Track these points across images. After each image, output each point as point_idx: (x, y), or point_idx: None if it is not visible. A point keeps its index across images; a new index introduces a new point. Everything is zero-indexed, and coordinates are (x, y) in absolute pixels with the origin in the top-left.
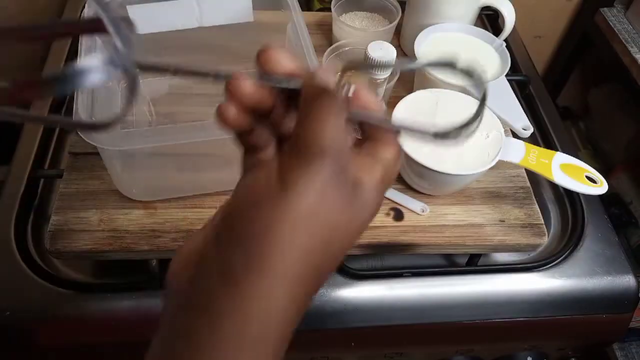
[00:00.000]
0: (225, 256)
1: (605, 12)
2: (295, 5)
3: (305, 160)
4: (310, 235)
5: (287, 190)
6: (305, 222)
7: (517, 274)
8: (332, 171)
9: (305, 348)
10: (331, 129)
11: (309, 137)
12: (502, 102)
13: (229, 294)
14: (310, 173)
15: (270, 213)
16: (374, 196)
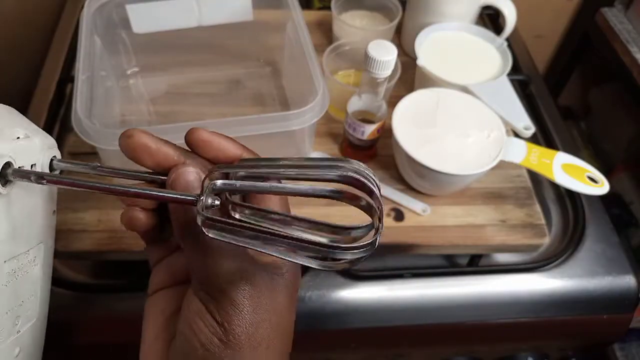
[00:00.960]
0: None
1: (606, 12)
2: (295, 4)
3: (226, 296)
4: (266, 344)
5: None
6: (257, 339)
7: (518, 275)
8: (251, 287)
9: (305, 349)
10: (222, 261)
11: (211, 277)
12: (504, 102)
13: None
14: (238, 306)
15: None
16: (288, 269)
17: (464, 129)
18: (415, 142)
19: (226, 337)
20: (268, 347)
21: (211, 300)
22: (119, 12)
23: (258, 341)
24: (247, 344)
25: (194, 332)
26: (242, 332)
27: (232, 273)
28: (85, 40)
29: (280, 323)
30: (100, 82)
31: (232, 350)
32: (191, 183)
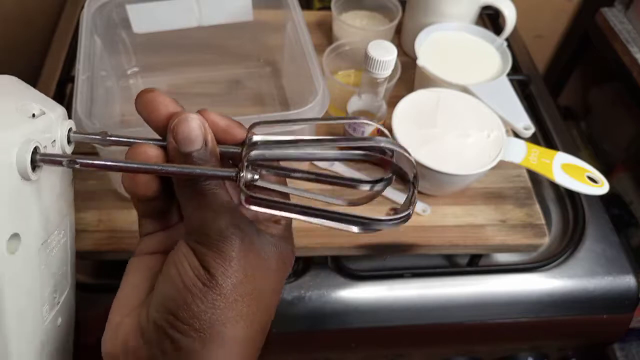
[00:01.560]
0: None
1: (606, 12)
2: (295, 4)
3: (215, 247)
4: (247, 302)
5: (215, 277)
6: (239, 293)
7: (518, 275)
8: (240, 242)
9: (305, 349)
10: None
11: (204, 227)
12: (503, 102)
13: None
14: (225, 257)
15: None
16: (284, 238)
17: (463, 129)
18: (415, 142)
19: (210, 282)
20: (249, 305)
21: (201, 248)
22: (119, 12)
23: (240, 294)
24: (229, 294)
25: (178, 273)
26: (226, 282)
27: (226, 227)
28: (85, 40)
29: (265, 289)
30: (101, 82)
31: (213, 295)
32: (194, 130)
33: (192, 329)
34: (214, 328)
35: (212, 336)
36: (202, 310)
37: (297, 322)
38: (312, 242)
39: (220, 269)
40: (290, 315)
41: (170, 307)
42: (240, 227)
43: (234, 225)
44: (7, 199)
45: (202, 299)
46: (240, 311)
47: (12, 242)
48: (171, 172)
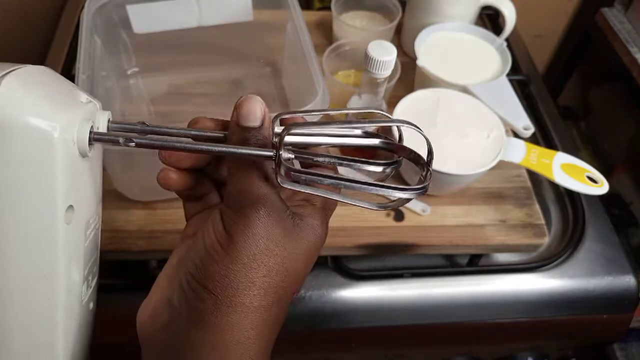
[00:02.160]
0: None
1: (606, 12)
2: (295, 4)
3: (242, 212)
4: (265, 271)
5: (235, 242)
6: (256, 262)
7: (518, 275)
8: (267, 214)
9: (306, 348)
10: (256, 183)
11: (240, 192)
12: (503, 102)
13: (203, 332)
14: (249, 223)
15: (227, 261)
16: (315, 223)
17: (463, 129)
18: (415, 142)
19: (228, 245)
20: (266, 275)
21: (228, 211)
22: (119, 12)
23: (258, 263)
24: (246, 260)
25: (202, 235)
26: (245, 247)
27: (257, 196)
28: (85, 40)
29: (287, 266)
30: (101, 82)
31: (230, 258)
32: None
33: (207, 290)
34: (227, 291)
35: (225, 299)
36: (216, 271)
37: (297, 322)
38: None
39: (242, 234)
40: (290, 315)
41: (191, 268)
42: (272, 201)
43: (267, 198)
44: (68, 173)
45: (219, 260)
46: (254, 279)
47: (68, 213)
48: (219, 152)
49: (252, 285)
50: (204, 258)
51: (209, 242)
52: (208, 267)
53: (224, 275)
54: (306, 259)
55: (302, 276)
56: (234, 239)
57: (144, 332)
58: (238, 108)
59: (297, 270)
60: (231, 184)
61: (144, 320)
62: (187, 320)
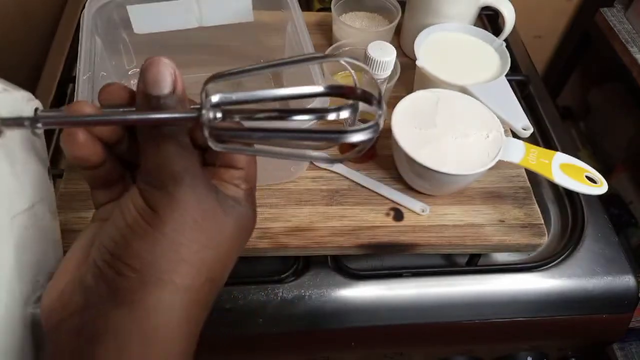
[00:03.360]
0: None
1: (605, 12)
2: (295, 5)
3: (164, 189)
4: (195, 249)
5: (160, 216)
6: (186, 237)
7: (517, 274)
8: (192, 188)
9: (305, 348)
10: (175, 155)
11: (158, 166)
12: (502, 102)
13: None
14: (174, 197)
15: (154, 236)
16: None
17: (463, 129)
18: (415, 142)
19: (153, 219)
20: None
21: (149, 189)
22: (119, 13)
23: (187, 239)
24: (174, 235)
25: (122, 213)
26: (171, 223)
27: (178, 170)
28: (86, 40)
29: (218, 244)
30: (101, 83)
31: (156, 233)
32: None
33: (131, 268)
34: (154, 268)
35: (153, 277)
36: (143, 248)
37: (297, 322)
38: (311, 242)
39: (167, 209)
40: (290, 315)
41: (109, 246)
42: (194, 173)
43: (188, 172)
44: None
45: (144, 236)
46: (185, 256)
47: None
48: (132, 120)
49: (183, 262)
50: (125, 234)
51: (130, 218)
52: (131, 242)
53: (150, 251)
54: (239, 236)
55: (234, 255)
56: (159, 213)
57: (52, 319)
58: (143, 74)
59: (230, 249)
60: (147, 159)
61: (52, 305)
62: (108, 301)
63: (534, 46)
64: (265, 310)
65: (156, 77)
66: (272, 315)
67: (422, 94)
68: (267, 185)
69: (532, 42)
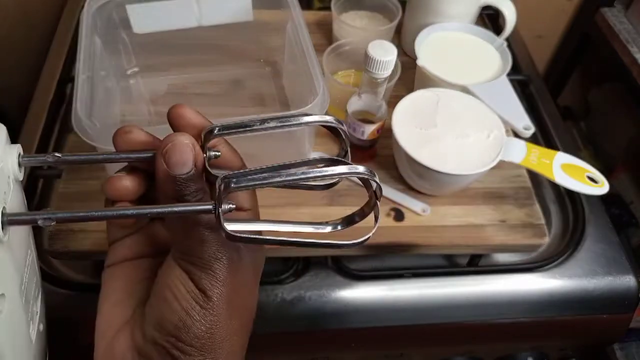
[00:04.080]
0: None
1: (606, 12)
2: (295, 4)
3: (210, 269)
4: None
5: (210, 297)
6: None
7: (518, 275)
8: (229, 262)
9: (305, 348)
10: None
11: (196, 248)
12: (503, 102)
13: None
14: (219, 277)
15: (209, 318)
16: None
17: (463, 129)
18: (415, 142)
19: (206, 303)
20: (241, 317)
21: (195, 270)
22: (119, 12)
23: (233, 310)
24: (224, 312)
25: (174, 296)
26: (221, 301)
27: (217, 251)
28: (85, 40)
29: (247, 298)
30: (101, 82)
31: (211, 317)
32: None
33: (194, 349)
34: (213, 345)
35: (212, 352)
36: (202, 331)
37: (297, 322)
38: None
39: (215, 290)
40: (290, 315)
41: (170, 329)
42: (227, 248)
43: (222, 247)
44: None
45: (202, 321)
46: (235, 326)
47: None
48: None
49: (232, 333)
50: (184, 319)
51: (186, 303)
52: (191, 327)
53: (209, 333)
54: (255, 283)
55: (255, 302)
56: (210, 297)
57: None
58: (165, 157)
59: (253, 297)
60: (181, 243)
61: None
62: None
63: (535, 46)
64: (265, 310)
65: (179, 160)
66: (272, 315)
67: (423, 94)
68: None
69: (532, 42)
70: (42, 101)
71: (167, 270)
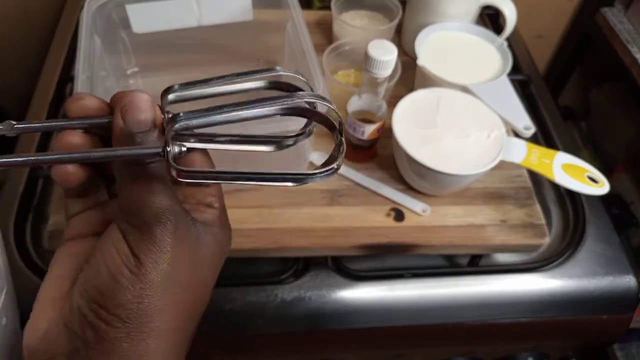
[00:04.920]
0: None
1: (606, 12)
2: (295, 4)
3: (148, 231)
4: (176, 291)
5: (145, 264)
6: (169, 281)
7: (519, 275)
8: (174, 229)
9: (305, 349)
10: (157, 195)
11: (139, 207)
12: (504, 102)
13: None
14: (157, 242)
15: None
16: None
17: (464, 129)
18: (416, 142)
19: (138, 269)
20: (178, 294)
21: (132, 232)
22: (118, 12)
23: (169, 283)
24: (158, 283)
25: (104, 259)
26: (156, 270)
27: (162, 210)
28: (85, 40)
29: (197, 278)
30: (100, 82)
31: (141, 284)
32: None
33: (118, 318)
34: (141, 318)
35: (139, 326)
36: (128, 299)
37: (297, 322)
38: (311, 243)
39: (151, 256)
40: (290, 316)
41: (94, 295)
42: (176, 212)
43: (171, 210)
44: None
45: (130, 288)
46: (168, 301)
47: None
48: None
49: (166, 308)
50: (110, 285)
51: (115, 267)
52: (117, 294)
53: (137, 302)
54: (213, 267)
55: (210, 286)
56: (144, 261)
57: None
58: (123, 112)
59: (207, 280)
60: (126, 196)
61: (36, 345)
62: (95, 349)
63: (535, 46)
64: (265, 311)
65: (136, 116)
66: (272, 316)
67: (423, 94)
68: (266, 186)
69: (533, 42)
70: (41, 101)
71: (106, 233)
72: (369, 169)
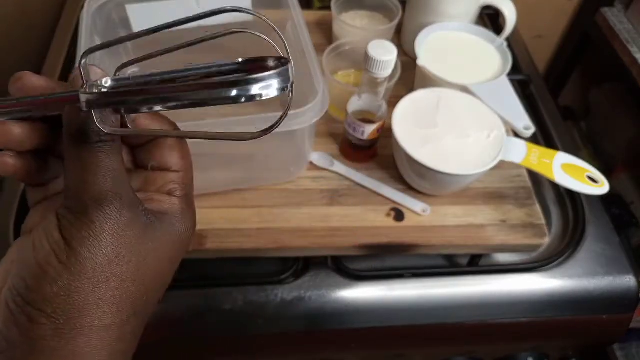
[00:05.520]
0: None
1: (606, 12)
2: (295, 4)
3: (85, 215)
4: (117, 283)
5: (77, 253)
6: (105, 274)
7: (518, 275)
8: (117, 215)
9: (305, 349)
10: (100, 174)
11: (79, 188)
12: (504, 102)
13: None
14: (94, 229)
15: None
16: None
17: (464, 129)
18: (416, 142)
19: (68, 257)
20: (118, 288)
21: (68, 215)
22: (118, 12)
23: (107, 276)
24: (91, 275)
25: (34, 246)
26: (90, 260)
27: (103, 193)
28: (85, 40)
29: (143, 272)
30: None
31: (70, 275)
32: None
33: (44, 314)
34: (70, 314)
35: (67, 323)
36: (55, 293)
37: (297, 322)
38: (311, 242)
39: (85, 244)
40: (290, 316)
41: (20, 288)
42: (121, 196)
43: (114, 194)
44: None
45: (57, 278)
46: (104, 295)
47: None
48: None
49: (100, 303)
50: (36, 275)
51: (42, 254)
52: (43, 286)
53: (64, 296)
54: (169, 259)
55: (166, 280)
56: (76, 249)
57: None
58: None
59: (159, 274)
60: (67, 177)
61: None
62: (20, 349)
63: (535, 46)
64: (265, 311)
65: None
66: (272, 316)
67: (423, 94)
68: (266, 186)
69: (532, 42)
70: None
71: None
72: (369, 169)
